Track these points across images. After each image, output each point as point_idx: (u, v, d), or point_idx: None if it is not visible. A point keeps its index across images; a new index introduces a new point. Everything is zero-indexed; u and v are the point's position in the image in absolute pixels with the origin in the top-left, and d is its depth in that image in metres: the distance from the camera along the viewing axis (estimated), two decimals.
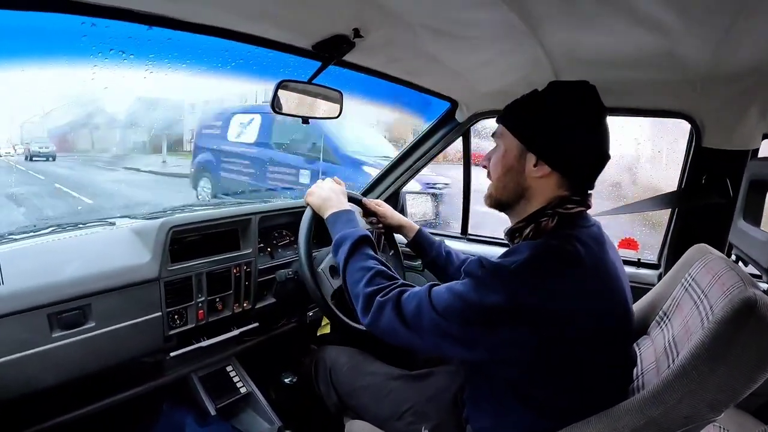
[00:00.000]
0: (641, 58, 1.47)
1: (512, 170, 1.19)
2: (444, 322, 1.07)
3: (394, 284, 1.26)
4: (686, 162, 1.85)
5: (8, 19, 1.16)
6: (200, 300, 1.88)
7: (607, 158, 1.16)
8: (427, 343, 1.13)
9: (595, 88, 1.15)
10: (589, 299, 1.03)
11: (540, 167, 1.13)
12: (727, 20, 1.10)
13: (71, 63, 3.76)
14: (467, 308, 1.04)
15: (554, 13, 1.23)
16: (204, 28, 1.30)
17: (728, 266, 1.13)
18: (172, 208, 2.15)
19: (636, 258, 2.13)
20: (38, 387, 1.51)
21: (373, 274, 1.29)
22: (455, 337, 1.06)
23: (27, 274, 1.51)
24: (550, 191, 1.15)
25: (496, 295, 1.00)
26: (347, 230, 1.44)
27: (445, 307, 1.08)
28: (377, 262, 1.35)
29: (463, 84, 2.03)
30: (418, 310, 1.12)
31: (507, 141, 1.21)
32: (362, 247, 1.39)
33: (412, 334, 1.14)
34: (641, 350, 1.32)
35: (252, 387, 2.11)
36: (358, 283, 1.29)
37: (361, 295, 1.26)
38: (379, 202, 1.88)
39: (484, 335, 1.04)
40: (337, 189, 1.63)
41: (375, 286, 1.25)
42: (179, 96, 12.14)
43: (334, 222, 1.51)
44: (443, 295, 1.10)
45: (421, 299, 1.13)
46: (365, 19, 1.33)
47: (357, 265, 1.34)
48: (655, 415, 0.94)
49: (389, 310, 1.17)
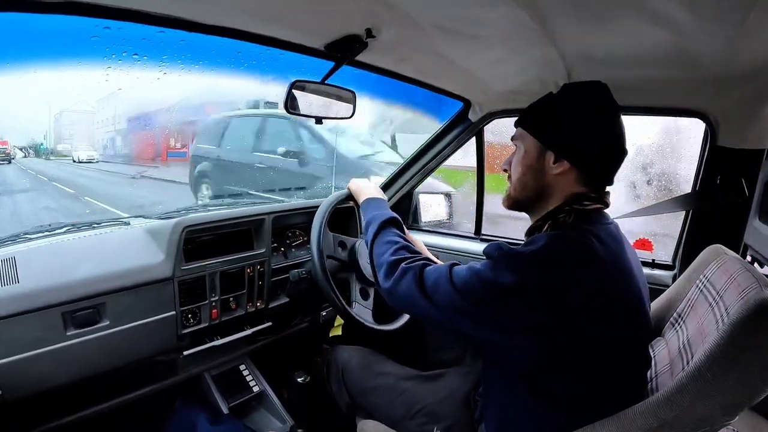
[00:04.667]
0: (654, 56, 1.46)
1: (532, 168, 1.22)
2: (459, 297, 1.10)
3: (418, 256, 1.31)
4: (701, 162, 1.83)
5: (22, 23, 1.17)
6: (214, 299, 1.89)
7: (624, 153, 1.18)
8: (441, 316, 1.15)
9: (607, 87, 1.18)
10: (601, 294, 1.03)
11: (559, 163, 1.16)
12: (740, 16, 1.09)
13: (85, 65, 3.78)
14: (482, 286, 1.07)
15: (566, 12, 1.22)
16: (217, 30, 1.31)
17: (743, 267, 1.12)
18: (186, 207, 2.16)
19: (650, 259, 2.11)
20: (52, 384, 1.52)
21: (399, 246, 1.36)
22: (469, 313, 1.08)
23: (42, 273, 1.53)
24: (569, 188, 1.18)
25: (509, 276, 1.03)
26: (378, 212, 1.54)
27: (462, 284, 1.11)
28: (403, 239, 1.41)
29: (475, 83, 2.03)
30: (437, 282, 1.16)
31: (526, 142, 1.24)
32: (391, 226, 1.47)
33: (429, 305, 1.17)
34: (655, 352, 1.31)
35: (264, 386, 2.12)
36: (383, 254, 1.35)
37: (386, 262, 1.31)
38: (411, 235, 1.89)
39: (495, 314, 1.05)
40: (376, 187, 1.76)
41: (400, 255, 1.31)
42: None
43: (367, 206, 1.63)
44: (463, 272, 1.13)
45: (442, 273, 1.16)
46: (377, 18, 1.33)
47: (384, 239, 1.42)
48: (668, 417, 0.94)
49: (410, 277, 1.21)
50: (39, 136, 15.24)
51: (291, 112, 1.64)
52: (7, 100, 9.87)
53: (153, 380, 1.88)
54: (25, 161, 13.89)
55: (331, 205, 1.73)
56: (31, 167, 15.35)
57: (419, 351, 1.87)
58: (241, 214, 2.00)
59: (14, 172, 13.24)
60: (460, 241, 2.65)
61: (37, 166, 15.70)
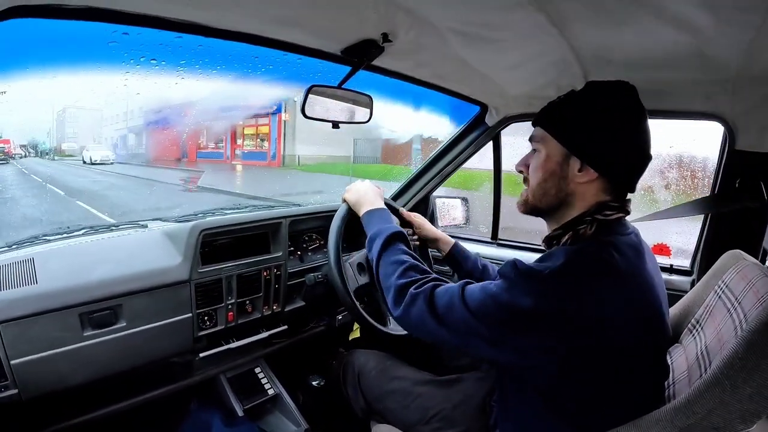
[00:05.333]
0: (671, 59, 1.45)
1: (555, 175, 1.15)
2: (474, 320, 1.06)
3: (427, 277, 1.25)
4: (719, 165, 1.81)
5: (43, 28, 1.19)
6: (230, 302, 1.91)
7: (649, 159, 1.13)
8: (455, 339, 1.11)
9: (634, 88, 1.12)
10: (622, 309, 1.00)
11: (585, 172, 1.11)
12: (758, 18, 1.08)
13: (104, 70, 3.83)
14: (498, 309, 1.03)
15: (583, 14, 1.21)
16: (234, 35, 1.32)
17: (763, 273, 1.10)
18: (203, 211, 2.18)
19: (668, 264, 2.09)
20: (68, 384, 1.55)
21: (406, 267, 1.28)
22: (483, 336, 1.05)
23: (60, 274, 1.55)
24: (593, 196, 1.13)
25: (527, 299, 0.98)
26: (381, 226, 1.45)
27: (476, 306, 1.06)
28: (410, 256, 1.34)
29: (492, 87, 2.03)
30: (450, 305, 1.11)
31: (549, 145, 1.17)
32: (395, 242, 1.39)
33: (441, 329, 1.12)
34: (673, 359, 1.30)
35: (280, 389, 2.12)
36: (390, 275, 1.29)
37: (393, 286, 1.25)
38: (415, 214, 1.89)
39: (513, 337, 1.02)
40: (375, 190, 1.65)
41: (408, 278, 1.25)
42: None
43: (369, 219, 1.53)
44: (476, 293, 1.09)
45: (454, 295, 1.12)
46: (394, 23, 1.33)
47: (390, 258, 1.34)
48: (685, 425, 0.92)
49: (421, 302, 1.16)
50: (42, 134, 15.12)
51: (308, 116, 1.64)
52: (13, 98, 9.94)
53: (169, 381, 1.89)
54: (27, 162, 13.77)
55: (340, 230, 1.66)
56: (36, 171, 15.04)
57: (435, 356, 1.86)
58: (258, 217, 2.01)
59: (15, 177, 13.13)
60: (477, 246, 2.64)
61: (40, 169, 15.38)
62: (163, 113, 21.66)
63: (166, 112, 21.68)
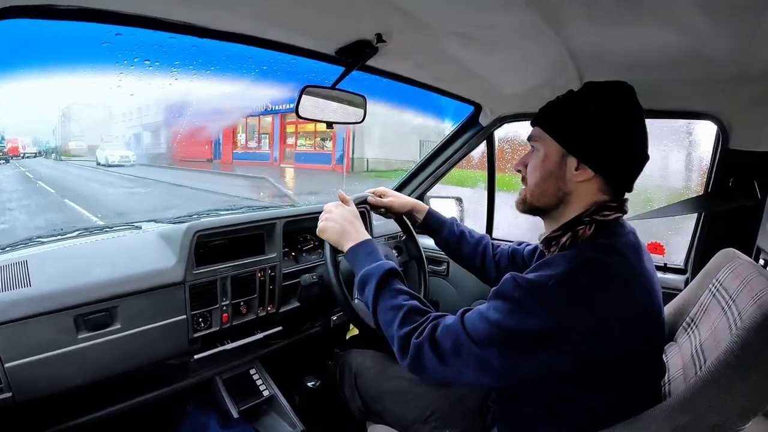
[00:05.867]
0: (667, 59, 1.45)
1: (552, 175, 1.16)
2: (483, 353, 1.02)
3: (426, 320, 1.17)
4: (713, 164, 1.82)
5: (36, 30, 1.19)
6: (225, 303, 1.90)
7: (646, 159, 1.14)
8: (467, 377, 1.07)
9: (632, 89, 1.12)
10: (626, 312, 1.00)
11: (582, 171, 1.11)
12: (754, 19, 1.09)
13: (98, 71, 3.85)
14: (506, 336, 1.00)
15: (579, 15, 1.21)
16: (228, 35, 1.32)
17: (757, 271, 1.11)
18: (197, 212, 2.17)
19: (662, 263, 2.10)
20: (65, 386, 1.54)
21: (405, 312, 1.19)
22: (495, 367, 1.02)
23: (54, 276, 1.55)
24: (591, 196, 1.13)
25: (535, 318, 0.96)
26: (370, 266, 1.32)
27: (484, 340, 1.02)
28: (407, 296, 1.25)
29: (486, 87, 2.03)
30: (456, 345, 1.06)
31: (547, 145, 1.17)
32: (389, 282, 1.28)
33: (451, 371, 1.07)
34: (668, 357, 1.30)
35: (275, 390, 2.13)
36: (390, 324, 1.21)
37: (396, 337, 1.17)
38: (383, 191, 1.80)
39: (525, 362, 1.00)
40: (349, 215, 1.48)
41: (409, 326, 1.16)
42: None
43: (354, 257, 1.39)
44: (478, 324, 1.05)
45: (457, 333, 1.07)
46: (388, 24, 1.33)
47: (387, 304, 1.24)
48: (682, 423, 0.93)
49: (427, 350, 1.10)
50: (45, 133, 14.42)
51: (302, 117, 1.64)
52: (16, 96, 9.80)
53: (164, 383, 1.89)
54: (32, 164, 13.03)
55: (334, 264, 1.56)
56: (43, 176, 13.83)
57: None
58: (252, 218, 2.01)
59: (20, 186, 12.06)
60: None
61: (47, 173, 14.20)
62: (189, 108, 20.20)
63: (192, 106, 20.20)
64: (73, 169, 18.09)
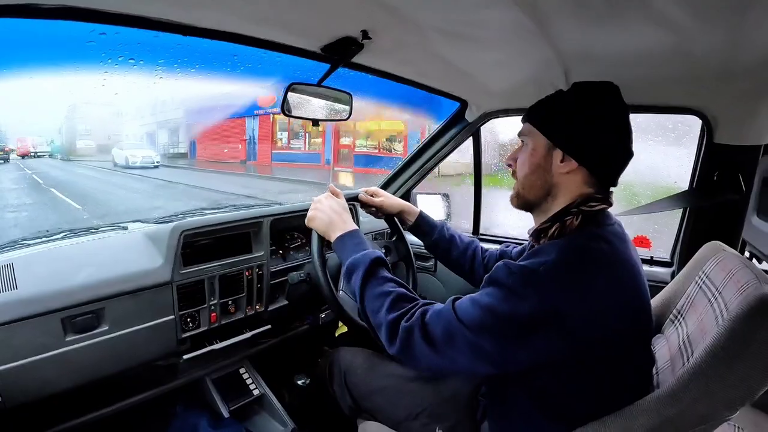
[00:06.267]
0: (652, 55, 1.46)
1: (539, 168, 1.20)
2: (476, 339, 1.03)
3: (415, 305, 1.19)
4: (698, 159, 1.84)
5: (19, 29, 1.18)
6: (213, 303, 1.90)
7: (631, 155, 1.17)
8: (460, 364, 1.07)
9: (618, 88, 1.17)
10: (616, 298, 1.02)
11: (567, 162, 1.15)
12: (738, 16, 1.10)
13: (82, 70, 3.83)
14: (499, 322, 1.01)
15: (565, 12, 1.22)
16: (213, 33, 1.31)
17: (742, 263, 1.12)
18: (183, 212, 2.16)
19: (649, 256, 2.12)
20: (52, 390, 1.53)
21: (392, 299, 1.21)
22: (489, 354, 1.03)
23: (41, 278, 1.53)
24: (576, 188, 1.17)
25: (528, 303, 0.98)
26: (357, 255, 1.34)
27: (476, 326, 1.03)
28: (394, 284, 1.27)
29: (472, 84, 2.03)
30: (448, 332, 1.07)
31: (534, 139, 1.22)
32: (376, 271, 1.30)
33: (443, 358, 1.08)
34: (656, 349, 1.31)
35: (265, 389, 2.12)
36: (378, 311, 1.22)
37: (384, 323, 1.18)
38: (375, 191, 1.83)
39: (519, 347, 1.00)
40: (338, 207, 1.52)
41: (397, 311, 1.18)
42: None
43: (342, 246, 1.42)
44: (470, 310, 1.06)
45: (449, 320, 1.08)
46: (373, 20, 1.33)
47: (374, 291, 1.26)
48: (670, 414, 0.94)
49: (417, 335, 1.11)
50: (51, 132, 13.11)
51: (288, 114, 1.64)
52: (16, 96, 9.29)
53: (154, 385, 1.89)
54: (38, 165, 11.24)
55: (320, 255, 1.57)
56: (56, 181, 11.12)
57: None
58: (239, 217, 2.00)
59: (28, 197, 9.81)
60: None
61: (59, 176, 12.18)
62: (214, 102, 18.23)
63: (217, 100, 18.26)
64: (87, 172, 16.15)
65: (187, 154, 21.07)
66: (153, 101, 21.21)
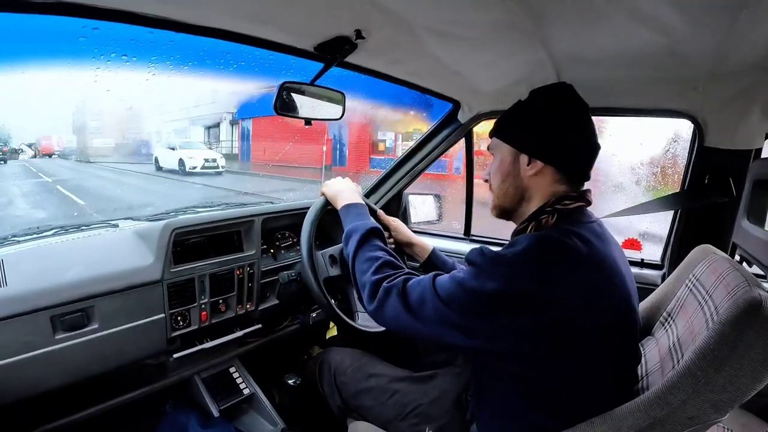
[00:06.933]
0: (643, 58, 1.47)
1: (509, 175, 1.26)
2: (446, 309, 1.10)
3: (400, 272, 1.30)
4: (689, 162, 1.85)
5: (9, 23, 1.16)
6: (203, 302, 1.89)
7: (597, 148, 1.22)
8: (429, 330, 1.15)
9: (572, 87, 1.23)
10: (586, 292, 1.04)
11: (533, 164, 1.21)
12: (729, 19, 1.11)
13: (74, 66, 3.79)
14: (467, 296, 1.07)
15: (557, 14, 1.23)
16: (206, 30, 1.30)
17: (732, 266, 1.12)
18: (174, 209, 2.15)
19: (639, 258, 2.13)
20: (41, 389, 1.51)
21: (380, 263, 1.33)
22: (456, 324, 1.09)
23: (30, 276, 1.51)
24: (547, 187, 1.21)
25: (494, 282, 1.04)
26: (358, 222, 1.50)
27: (447, 295, 1.11)
28: (385, 252, 1.39)
29: (465, 84, 2.04)
30: (422, 297, 1.15)
31: (501, 150, 1.29)
32: (371, 238, 1.43)
33: (415, 321, 1.17)
34: (646, 351, 1.32)
35: (255, 388, 2.12)
36: (365, 272, 1.33)
37: (368, 283, 1.29)
38: (393, 219, 1.90)
39: (484, 322, 1.06)
40: (353, 187, 1.70)
41: (382, 274, 1.29)
42: None
43: (346, 213, 1.57)
44: (446, 283, 1.14)
45: (425, 287, 1.16)
46: (367, 20, 1.33)
47: (365, 255, 1.38)
48: (659, 416, 0.94)
49: (394, 296, 1.20)
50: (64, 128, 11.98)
51: (280, 113, 1.64)
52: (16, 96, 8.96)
53: (143, 383, 1.87)
54: (50, 168, 9.81)
55: (314, 222, 1.68)
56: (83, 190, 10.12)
57: (411, 352, 1.86)
58: (230, 215, 1.99)
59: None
60: (450, 242, 2.68)
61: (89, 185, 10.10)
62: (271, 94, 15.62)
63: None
64: (129, 179, 13.04)
65: (237, 155, 18.44)
66: (182, 93, 18.69)
